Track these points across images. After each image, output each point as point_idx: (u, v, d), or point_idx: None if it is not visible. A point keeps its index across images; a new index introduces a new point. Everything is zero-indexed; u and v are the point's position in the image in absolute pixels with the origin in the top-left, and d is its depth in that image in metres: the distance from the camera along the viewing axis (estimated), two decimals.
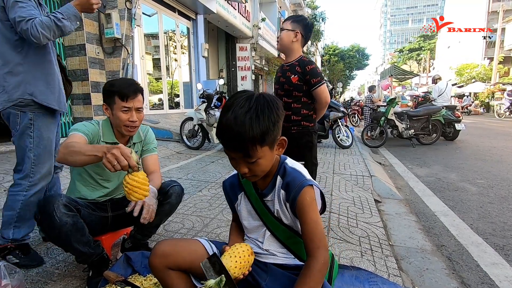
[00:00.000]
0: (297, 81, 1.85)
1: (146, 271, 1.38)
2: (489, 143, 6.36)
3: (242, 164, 0.82)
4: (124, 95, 1.37)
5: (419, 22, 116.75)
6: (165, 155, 4.62)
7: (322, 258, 0.80)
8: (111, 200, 1.52)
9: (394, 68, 12.10)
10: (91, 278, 1.33)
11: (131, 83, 1.42)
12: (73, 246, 1.22)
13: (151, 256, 0.92)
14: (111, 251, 1.57)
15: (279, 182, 0.90)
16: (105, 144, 1.36)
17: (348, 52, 33.56)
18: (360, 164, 4.19)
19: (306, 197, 0.84)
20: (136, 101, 1.40)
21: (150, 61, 8.12)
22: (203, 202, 2.50)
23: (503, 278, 1.61)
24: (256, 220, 0.96)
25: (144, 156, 1.60)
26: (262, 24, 12.25)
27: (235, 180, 1.02)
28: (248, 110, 0.77)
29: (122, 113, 1.38)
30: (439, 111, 6.40)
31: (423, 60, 43.53)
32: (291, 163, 0.93)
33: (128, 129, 1.42)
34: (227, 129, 0.78)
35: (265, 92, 0.87)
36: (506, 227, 2.24)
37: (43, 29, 1.40)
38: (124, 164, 0.99)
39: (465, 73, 27.62)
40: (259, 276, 0.91)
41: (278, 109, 0.82)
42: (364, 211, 2.43)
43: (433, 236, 2.15)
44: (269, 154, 0.83)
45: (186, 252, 0.93)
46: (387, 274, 1.54)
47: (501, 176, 3.69)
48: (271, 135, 0.80)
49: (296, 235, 0.92)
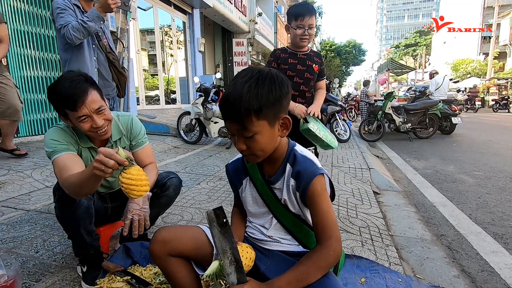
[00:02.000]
0: (317, 71, 1.96)
1: (145, 262, 1.36)
2: (485, 137, 6.40)
3: (240, 140, 0.79)
4: (71, 105, 1.12)
5: (415, 18, 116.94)
6: (162, 149, 4.58)
7: (332, 249, 0.77)
8: (110, 192, 1.49)
9: (391, 62, 12.11)
10: (87, 273, 1.29)
11: (73, 85, 1.13)
12: (79, 232, 1.20)
13: (151, 243, 0.90)
14: (109, 243, 1.55)
15: (288, 170, 0.86)
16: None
17: (344, 48, 33.51)
18: (358, 158, 4.19)
19: (317, 187, 0.81)
20: (89, 103, 1.14)
21: (145, 57, 8.03)
22: (202, 195, 2.48)
23: (503, 265, 1.62)
24: (262, 206, 0.93)
25: (135, 151, 1.47)
26: (259, 19, 12.16)
27: (240, 165, 0.98)
28: (248, 79, 0.75)
29: (82, 124, 1.16)
30: (436, 105, 6.41)
31: (419, 56, 43.67)
32: (300, 150, 0.89)
33: (96, 134, 1.22)
34: (226, 99, 0.76)
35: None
36: (505, 217, 2.25)
37: (74, 32, 1.87)
38: (111, 164, 0.89)
39: (461, 68, 27.78)
40: (260, 261, 0.89)
41: (282, 85, 0.78)
42: (363, 203, 2.43)
43: (433, 226, 2.16)
44: (268, 131, 0.78)
45: (187, 238, 0.91)
46: (388, 263, 1.54)
47: (498, 168, 3.71)
48: (270, 109, 0.76)
49: (303, 224, 0.90)
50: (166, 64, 8.26)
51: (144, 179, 0.96)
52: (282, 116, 0.81)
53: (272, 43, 14.40)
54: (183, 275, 0.91)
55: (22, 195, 2.36)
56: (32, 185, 2.56)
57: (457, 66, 28.39)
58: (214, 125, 4.82)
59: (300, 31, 1.82)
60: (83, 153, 1.32)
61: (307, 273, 0.75)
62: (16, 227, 1.80)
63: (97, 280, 1.24)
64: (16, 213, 2.01)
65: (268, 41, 13.79)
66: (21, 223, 1.85)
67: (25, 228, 1.78)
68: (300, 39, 1.86)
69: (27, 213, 2.02)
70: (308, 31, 1.82)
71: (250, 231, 0.97)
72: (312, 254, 0.79)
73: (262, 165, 0.91)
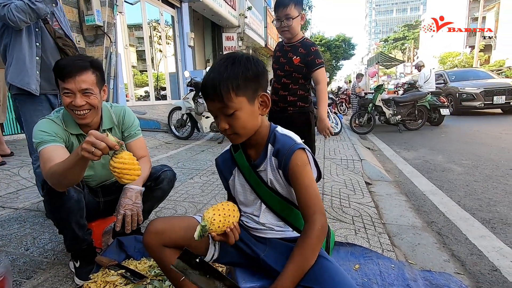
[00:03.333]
0: (298, 63, 1.83)
1: (139, 255, 1.35)
2: (472, 127, 6.55)
3: (222, 119, 0.81)
4: (61, 75, 1.14)
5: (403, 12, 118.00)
6: (153, 145, 4.53)
7: (319, 223, 0.79)
8: (102, 186, 1.46)
9: (381, 55, 12.21)
10: (80, 268, 1.27)
11: (75, 58, 1.19)
12: (70, 226, 1.17)
13: (145, 234, 0.89)
14: (102, 238, 1.53)
15: (270, 149, 0.88)
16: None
17: (334, 42, 33.57)
18: (349, 149, 4.23)
19: (297, 162, 0.82)
20: (79, 81, 1.15)
21: (134, 53, 7.88)
22: (195, 189, 2.47)
23: (490, 249, 1.67)
24: (251, 193, 0.94)
25: (128, 142, 1.45)
26: (249, 13, 12.05)
27: (228, 155, 0.99)
28: (225, 60, 0.80)
29: (64, 96, 1.17)
30: (425, 96, 6.51)
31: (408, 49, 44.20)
32: (281, 130, 0.90)
33: (75, 114, 1.20)
34: (205, 81, 0.80)
35: None
36: (492, 203, 2.32)
37: (18, 13, 1.52)
38: (103, 146, 0.87)
39: (448, 61, 28.25)
40: (258, 248, 0.90)
41: (258, 63, 0.83)
42: (355, 193, 2.46)
43: (423, 213, 2.20)
44: (248, 108, 0.81)
45: (181, 228, 0.90)
46: (381, 250, 1.56)
47: (485, 157, 3.80)
48: (248, 84, 0.80)
49: (292, 206, 0.91)
50: (155, 59, 8.13)
51: (136, 163, 0.95)
52: (261, 93, 0.84)
53: (262, 38, 14.32)
54: None
55: (10, 194, 2.30)
56: (20, 183, 2.50)
57: (444, 59, 28.86)
58: (205, 120, 4.78)
59: (278, 23, 1.80)
60: (73, 141, 1.29)
61: (305, 258, 0.76)
62: (5, 226, 1.76)
63: (91, 274, 1.23)
64: (4, 212, 1.96)
65: (259, 35, 13.70)
66: (9, 222, 1.81)
67: (14, 227, 1.74)
68: (280, 32, 1.83)
69: (15, 211, 1.97)
70: (284, 22, 1.76)
71: (245, 220, 0.97)
72: (303, 237, 0.79)
73: (247, 152, 0.92)
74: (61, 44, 1.81)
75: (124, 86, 5.86)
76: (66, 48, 1.83)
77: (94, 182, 1.44)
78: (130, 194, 1.26)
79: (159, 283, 1.14)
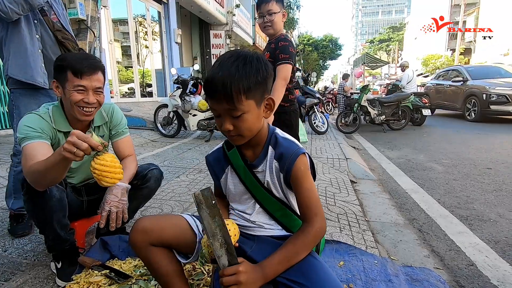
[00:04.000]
0: (268, 58, 1.78)
1: (124, 255, 1.33)
2: (452, 128, 6.79)
3: (227, 120, 0.78)
4: (78, 71, 1.15)
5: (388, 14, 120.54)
6: (139, 143, 4.45)
7: (318, 225, 0.80)
8: (86, 185, 1.43)
9: (367, 56, 12.46)
10: (61, 269, 1.24)
11: (87, 56, 1.23)
12: (52, 226, 1.14)
13: (131, 233, 0.87)
14: (85, 238, 1.49)
15: (271, 152, 0.88)
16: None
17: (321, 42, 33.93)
18: (335, 148, 4.30)
19: (300, 166, 0.83)
20: (94, 79, 1.19)
21: (119, 48, 7.69)
22: (181, 187, 2.45)
23: (467, 244, 1.74)
24: (244, 193, 0.94)
25: (115, 140, 1.44)
26: (237, 10, 11.99)
27: (220, 154, 0.98)
28: (236, 59, 0.76)
29: (76, 93, 1.17)
30: (408, 97, 6.70)
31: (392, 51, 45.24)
32: (281, 133, 0.91)
33: (82, 111, 1.20)
34: (212, 79, 0.75)
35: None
36: (469, 200, 2.42)
37: (10, 3, 1.44)
38: (85, 147, 0.86)
39: (430, 63, 29.13)
40: (246, 245, 0.90)
41: (267, 66, 0.81)
42: (341, 191, 2.51)
43: (405, 211, 2.27)
44: (255, 111, 0.80)
45: (169, 227, 0.89)
46: (365, 247, 1.60)
47: (464, 156, 3.96)
48: (258, 88, 0.78)
49: (286, 208, 0.92)
50: (140, 55, 7.97)
51: (118, 167, 0.93)
52: (267, 96, 0.83)
53: (250, 36, 14.29)
54: (165, 264, 0.89)
55: None
56: None
57: (427, 61, 29.74)
58: (192, 118, 4.74)
59: (260, 20, 1.80)
60: (60, 138, 1.26)
61: (295, 251, 0.78)
62: None
63: (73, 275, 1.20)
64: None
65: (247, 33, 13.66)
66: None
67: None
68: (263, 28, 1.83)
69: None
70: (267, 17, 1.76)
71: (234, 218, 0.97)
72: (300, 233, 0.81)
73: (242, 152, 0.92)
74: (60, 37, 1.73)
75: (108, 82, 5.71)
76: (65, 41, 1.76)
77: (77, 180, 1.40)
78: (116, 191, 1.24)
79: (145, 282, 1.13)
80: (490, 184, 2.79)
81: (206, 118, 4.73)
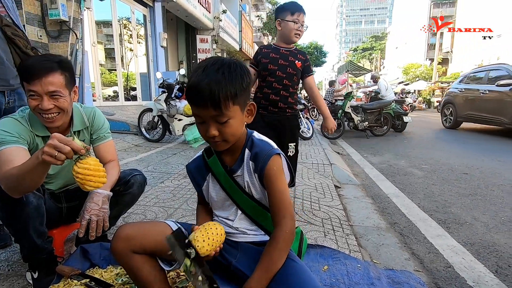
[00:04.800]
0: (300, 67, 1.96)
1: (105, 263, 1.29)
2: (431, 134, 7.06)
3: (212, 126, 0.79)
4: (27, 76, 1.08)
5: (371, 24, 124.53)
6: (122, 148, 4.35)
7: (288, 228, 0.81)
8: (66, 191, 1.38)
9: (350, 64, 12.80)
10: (38, 279, 1.19)
11: (42, 59, 1.11)
12: (28, 234, 1.09)
13: (113, 240, 0.86)
14: (64, 247, 1.44)
15: (247, 154, 0.89)
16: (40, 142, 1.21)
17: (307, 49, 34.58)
18: (320, 154, 4.37)
19: (273, 167, 0.84)
20: (45, 83, 1.08)
21: (102, 50, 7.54)
22: (166, 193, 2.41)
23: (445, 247, 1.81)
24: (226, 199, 0.94)
25: (96, 145, 1.40)
26: (223, 16, 12.05)
27: (200, 162, 0.99)
28: (220, 66, 0.78)
29: (31, 99, 1.10)
30: (390, 104, 6.92)
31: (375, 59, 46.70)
32: (258, 135, 0.93)
33: (42, 118, 1.13)
34: (198, 86, 0.76)
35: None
36: (447, 204, 2.52)
37: None
38: (67, 150, 0.82)
39: (411, 71, 30.28)
40: (230, 254, 0.90)
41: (249, 73, 0.83)
42: (325, 196, 2.54)
43: (387, 215, 2.33)
44: (239, 116, 0.82)
45: (152, 233, 0.88)
46: (348, 251, 1.63)
47: (442, 162, 4.12)
48: (243, 94, 0.80)
49: (266, 211, 0.92)
50: (125, 58, 7.84)
51: (102, 170, 0.90)
52: (249, 102, 0.85)
53: (237, 41, 14.37)
54: (148, 272, 0.88)
55: None
56: None
57: (407, 69, 30.92)
58: (178, 122, 4.69)
59: (297, 25, 1.87)
60: (38, 143, 1.21)
61: (272, 260, 0.78)
62: None
63: (51, 285, 1.15)
64: None
65: (233, 39, 13.73)
66: None
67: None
68: (294, 34, 1.89)
69: None
70: (301, 28, 1.90)
71: None
72: (272, 241, 0.81)
73: (222, 158, 0.93)
74: (9, 33, 1.56)
75: (90, 85, 5.57)
76: (15, 38, 1.58)
77: (56, 186, 1.35)
78: (96, 198, 1.21)
79: None
80: (466, 189, 2.92)
81: (191, 123, 4.69)
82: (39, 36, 4.37)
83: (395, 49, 43.18)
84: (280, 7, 1.95)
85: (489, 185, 3.03)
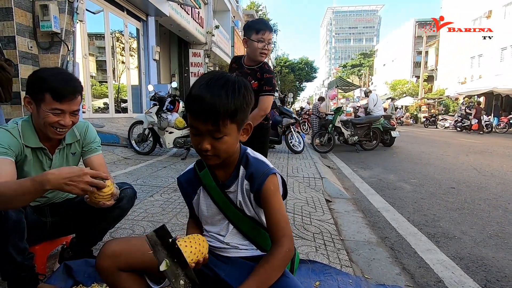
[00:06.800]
0: (256, 87, 1.87)
1: (90, 281, 1.24)
2: (419, 149, 7.22)
3: (206, 140, 0.78)
4: (59, 96, 1.11)
5: (359, 42, 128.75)
6: (111, 160, 4.27)
7: (287, 247, 0.80)
8: (52, 204, 1.34)
9: (340, 80, 13.13)
10: None
11: (69, 79, 1.16)
12: (7, 251, 1.03)
13: (99, 257, 0.83)
14: (46, 263, 1.38)
15: (242, 172, 0.88)
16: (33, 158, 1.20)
17: (298, 65, 35.38)
18: (311, 168, 4.39)
19: (270, 187, 0.84)
20: (73, 103, 1.16)
21: (93, 62, 7.51)
22: (155, 207, 2.36)
23: (435, 261, 1.81)
24: (217, 213, 0.93)
25: (86, 158, 1.39)
26: (216, 31, 12.27)
27: (192, 175, 0.97)
28: (225, 83, 0.77)
29: (52, 115, 1.13)
30: (378, 119, 7.08)
31: (364, 76, 48.03)
32: (252, 153, 0.92)
33: (55, 131, 1.17)
34: (201, 99, 0.75)
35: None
36: (436, 218, 2.54)
37: None
38: (102, 185, 0.99)
39: (398, 88, 31.21)
40: (220, 268, 0.88)
41: (251, 93, 0.83)
42: (316, 210, 2.54)
43: (378, 229, 2.34)
44: (235, 134, 0.81)
45: (139, 250, 0.85)
46: (340, 266, 1.62)
47: (430, 176, 4.19)
48: (242, 114, 0.80)
49: (259, 227, 0.91)
50: (116, 71, 7.81)
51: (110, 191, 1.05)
52: (247, 121, 0.85)
53: (229, 56, 14.59)
54: None
55: None
56: None
57: (395, 86, 31.87)
58: (169, 135, 4.66)
59: (261, 44, 1.83)
60: (27, 154, 1.19)
61: (267, 275, 0.77)
62: None
63: None
64: None
65: (225, 53, 13.95)
66: None
67: None
68: (259, 53, 1.86)
69: None
70: (268, 46, 1.86)
71: (208, 239, 0.95)
72: (269, 256, 0.80)
73: (214, 172, 0.92)
74: None
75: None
76: None
77: (43, 200, 1.31)
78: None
79: None
80: (454, 203, 2.97)
81: (182, 136, 4.67)
82: (30, 47, 4.34)
83: (382, 66, 44.63)
84: (246, 26, 1.92)
85: (476, 199, 3.09)
